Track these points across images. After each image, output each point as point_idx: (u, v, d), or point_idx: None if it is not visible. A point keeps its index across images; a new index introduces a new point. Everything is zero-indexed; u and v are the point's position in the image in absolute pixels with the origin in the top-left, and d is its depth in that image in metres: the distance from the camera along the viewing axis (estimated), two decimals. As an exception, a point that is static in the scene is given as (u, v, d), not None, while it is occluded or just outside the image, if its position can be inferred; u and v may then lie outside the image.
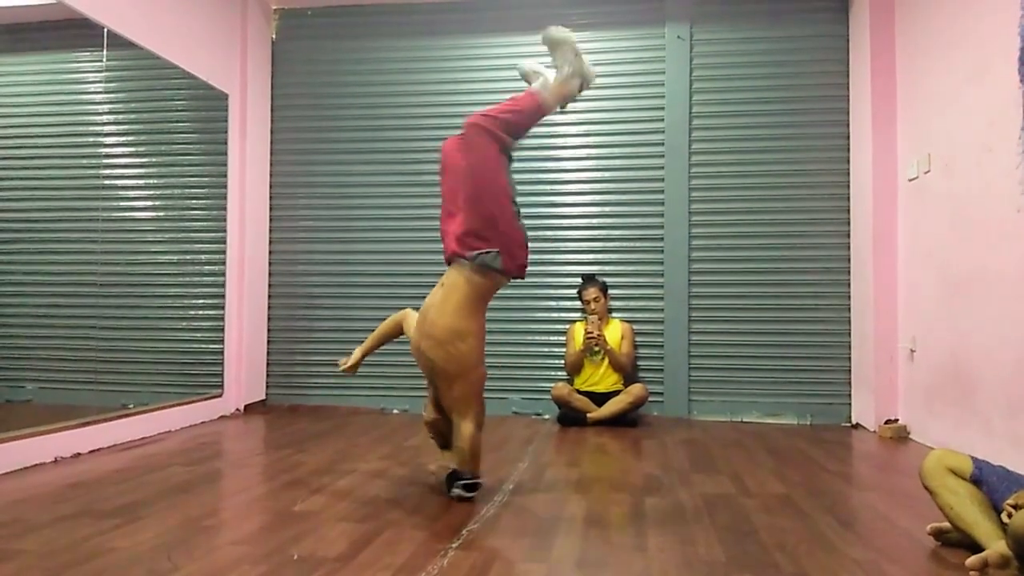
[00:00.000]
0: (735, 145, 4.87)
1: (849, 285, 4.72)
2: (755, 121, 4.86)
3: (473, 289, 2.67)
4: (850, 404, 4.68)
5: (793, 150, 4.82)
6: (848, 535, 2.35)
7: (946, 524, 2.19)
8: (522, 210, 5.21)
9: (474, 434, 2.69)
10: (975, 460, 2.16)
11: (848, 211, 4.74)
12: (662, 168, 4.91)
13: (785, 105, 4.84)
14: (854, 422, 4.63)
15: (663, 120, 4.92)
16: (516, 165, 4.82)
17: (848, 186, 4.74)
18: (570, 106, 4.93)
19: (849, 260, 4.72)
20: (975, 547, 1.98)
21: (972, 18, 3.52)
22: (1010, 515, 1.88)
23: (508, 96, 2.85)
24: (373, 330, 2.98)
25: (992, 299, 3.31)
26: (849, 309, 4.72)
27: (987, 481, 2.09)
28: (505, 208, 2.66)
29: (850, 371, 4.70)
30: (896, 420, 4.25)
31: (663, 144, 4.91)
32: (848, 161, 4.74)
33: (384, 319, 3.15)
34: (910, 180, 4.18)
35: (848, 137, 4.75)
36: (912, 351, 4.14)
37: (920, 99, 4.10)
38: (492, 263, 2.64)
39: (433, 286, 2.80)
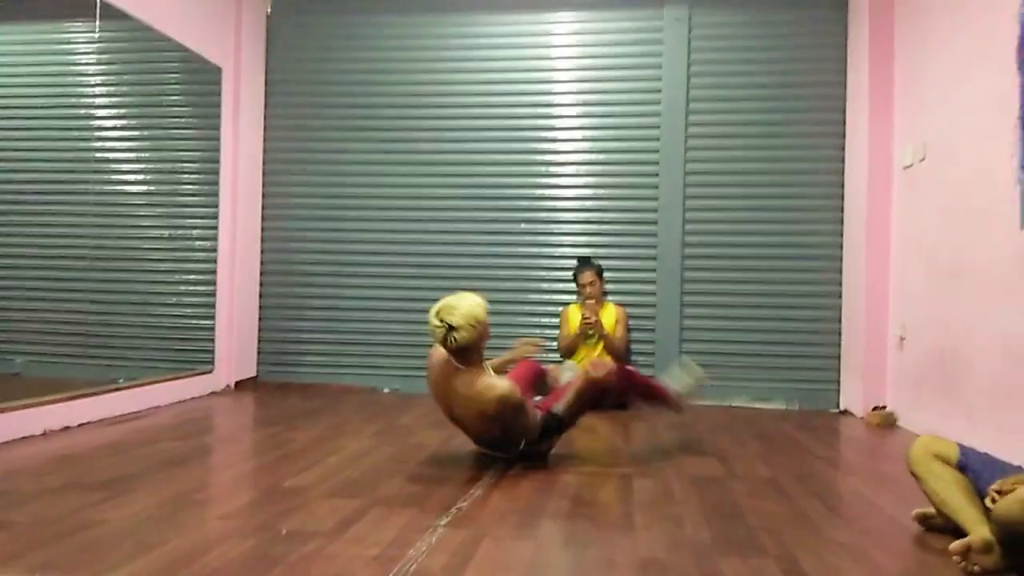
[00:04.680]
0: (731, 129, 4.86)
1: (841, 272, 4.74)
2: (752, 106, 4.84)
3: None
4: (839, 390, 4.71)
5: (789, 135, 4.81)
6: (833, 519, 2.37)
7: (931, 509, 2.21)
8: (517, 191, 5.19)
9: None
10: (961, 447, 2.18)
11: (842, 198, 4.74)
12: (657, 151, 4.89)
13: (782, 90, 4.82)
14: (842, 408, 4.66)
15: (660, 103, 4.89)
16: (507, 145, 4.87)
17: (843, 173, 4.74)
18: (566, 87, 4.97)
19: (842, 247, 4.73)
20: (959, 532, 2.00)
21: (971, 5, 3.50)
22: (994, 500, 1.90)
23: (505, 74, 2.77)
24: (365, 308, 2.91)
25: (981, 288, 3.33)
26: (840, 296, 4.73)
27: (972, 467, 2.11)
28: None
29: (839, 358, 4.72)
30: (884, 407, 4.28)
31: (659, 127, 4.89)
32: (843, 148, 4.74)
33: (376, 298, 3.12)
34: (905, 168, 4.18)
35: (844, 123, 4.74)
36: (902, 338, 4.16)
37: (917, 86, 4.09)
38: None
39: (426, 265, 2.79)
